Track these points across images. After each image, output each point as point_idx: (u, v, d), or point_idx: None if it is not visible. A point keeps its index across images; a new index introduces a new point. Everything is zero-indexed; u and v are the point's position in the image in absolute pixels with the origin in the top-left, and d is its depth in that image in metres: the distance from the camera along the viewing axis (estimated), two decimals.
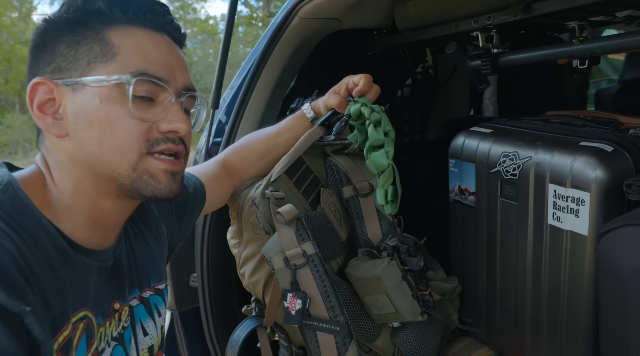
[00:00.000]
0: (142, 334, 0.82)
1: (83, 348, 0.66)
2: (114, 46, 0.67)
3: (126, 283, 0.78)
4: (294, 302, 1.03)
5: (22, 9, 13.54)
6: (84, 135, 0.67)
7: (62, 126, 0.67)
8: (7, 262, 0.54)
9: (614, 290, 0.94)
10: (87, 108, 0.66)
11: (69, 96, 0.67)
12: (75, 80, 0.66)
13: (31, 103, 0.67)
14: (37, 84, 0.67)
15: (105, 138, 0.66)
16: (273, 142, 1.16)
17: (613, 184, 0.98)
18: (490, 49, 1.28)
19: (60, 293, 0.63)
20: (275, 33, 1.40)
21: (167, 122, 0.70)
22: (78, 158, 0.68)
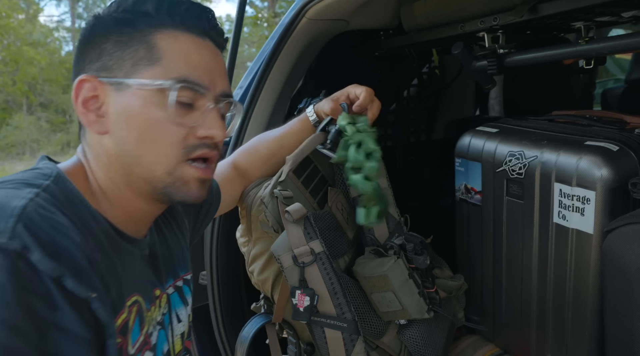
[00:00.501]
0: (176, 321, 0.85)
1: (137, 330, 0.70)
2: (159, 50, 0.68)
3: (162, 272, 0.81)
4: (302, 299, 1.05)
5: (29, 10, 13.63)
6: (124, 135, 0.68)
7: (103, 123, 0.69)
8: (74, 250, 0.56)
9: (619, 287, 0.95)
10: (130, 109, 0.68)
11: (113, 95, 0.68)
12: (119, 81, 0.68)
13: (76, 99, 0.68)
14: (83, 81, 0.68)
15: (145, 140, 0.68)
16: (279, 145, 1.17)
17: (618, 183, 0.99)
18: (496, 49, 1.30)
19: (116, 278, 0.65)
20: (283, 34, 1.42)
21: (205, 128, 0.71)
22: (116, 156, 0.69)
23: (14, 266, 0.49)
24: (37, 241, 0.52)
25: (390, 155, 1.97)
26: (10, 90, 11.22)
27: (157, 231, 0.84)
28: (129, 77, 0.68)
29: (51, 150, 10.47)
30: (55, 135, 11.06)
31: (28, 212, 0.54)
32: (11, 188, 0.58)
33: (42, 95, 11.84)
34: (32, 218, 0.54)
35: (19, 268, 0.50)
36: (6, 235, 0.51)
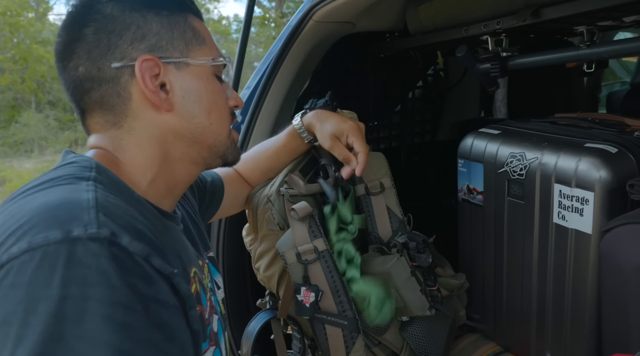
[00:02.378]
0: (216, 288, 0.91)
1: (204, 297, 0.76)
2: (200, 32, 0.76)
3: (198, 244, 0.87)
4: (307, 295, 1.07)
5: (39, 9, 13.72)
6: (194, 109, 0.74)
7: (170, 101, 0.72)
8: (148, 231, 0.58)
9: (615, 286, 0.97)
10: (197, 86, 0.74)
11: (174, 73, 0.72)
12: (179, 60, 0.72)
13: (143, 79, 0.69)
14: (146, 61, 0.69)
15: (212, 110, 0.76)
16: (276, 161, 1.19)
17: (617, 184, 1.01)
18: (499, 52, 1.32)
19: (177, 254, 0.68)
20: (291, 36, 1.44)
21: (232, 99, 0.82)
22: (180, 129, 0.74)
23: (110, 252, 0.51)
24: (120, 226, 0.54)
25: (394, 155, 1.99)
26: (19, 88, 11.30)
27: (182, 207, 0.88)
28: (186, 56, 0.73)
29: (59, 147, 10.53)
30: (63, 133, 11.13)
31: (101, 201, 0.56)
32: (67, 184, 0.59)
33: (50, 93, 11.91)
34: (107, 207, 0.56)
35: (115, 253, 0.52)
36: (94, 225, 0.52)
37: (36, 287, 0.48)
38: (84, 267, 0.49)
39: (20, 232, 0.52)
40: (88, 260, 0.50)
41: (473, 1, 1.28)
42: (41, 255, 0.49)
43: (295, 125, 1.15)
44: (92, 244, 0.51)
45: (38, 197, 0.57)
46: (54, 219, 0.52)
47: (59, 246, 0.50)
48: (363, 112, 1.78)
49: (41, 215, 0.53)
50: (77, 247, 0.50)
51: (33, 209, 0.54)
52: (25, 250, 0.50)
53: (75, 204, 0.55)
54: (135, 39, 0.69)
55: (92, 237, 0.51)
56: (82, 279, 0.49)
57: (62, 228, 0.51)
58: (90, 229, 0.51)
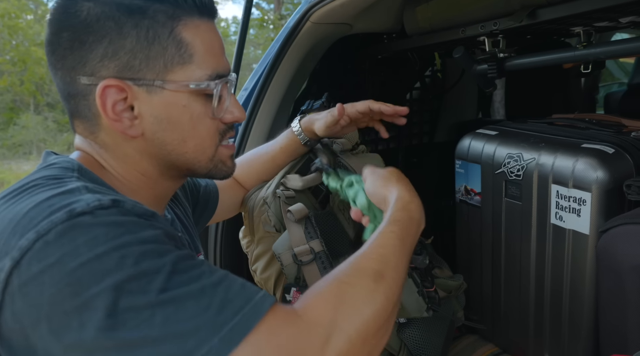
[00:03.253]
0: None
1: None
2: (188, 46, 0.65)
3: (189, 248, 0.85)
4: (297, 297, 1.07)
5: (38, 11, 13.73)
6: (165, 136, 0.67)
7: (137, 127, 0.65)
8: None
9: (612, 286, 0.97)
10: (170, 111, 0.65)
11: (145, 97, 0.64)
12: (152, 83, 0.63)
13: (104, 106, 0.63)
14: (108, 87, 0.62)
15: (188, 138, 0.68)
16: (272, 163, 1.18)
17: (613, 185, 1.01)
18: (496, 53, 1.32)
19: None
20: (288, 37, 1.44)
21: (230, 113, 0.72)
22: (153, 155, 0.69)
23: (119, 211, 0.52)
24: (119, 199, 0.55)
25: (392, 157, 1.99)
26: (18, 90, 11.29)
27: (172, 211, 0.87)
28: (162, 78, 0.64)
29: (57, 149, 10.48)
30: (61, 135, 11.12)
31: (91, 188, 0.56)
32: (50, 184, 0.57)
33: (49, 95, 11.90)
34: (98, 191, 0.56)
35: (123, 211, 0.53)
36: (94, 200, 0.52)
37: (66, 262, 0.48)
38: (101, 227, 0.50)
39: (20, 228, 0.50)
40: (102, 221, 0.51)
41: (470, 2, 1.28)
42: (54, 236, 0.49)
43: (294, 129, 1.15)
44: (99, 211, 0.51)
45: (24, 200, 0.55)
46: (52, 207, 0.51)
47: (68, 223, 0.50)
48: None
49: (36, 209, 0.52)
50: (86, 218, 0.50)
51: (23, 207, 0.53)
52: (35, 239, 0.49)
53: (67, 192, 0.54)
54: (106, 55, 0.62)
55: (97, 207, 0.51)
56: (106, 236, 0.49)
57: (64, 209, 0.50)
58: (92, 203, 0.52)
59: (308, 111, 1.23)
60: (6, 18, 11.45)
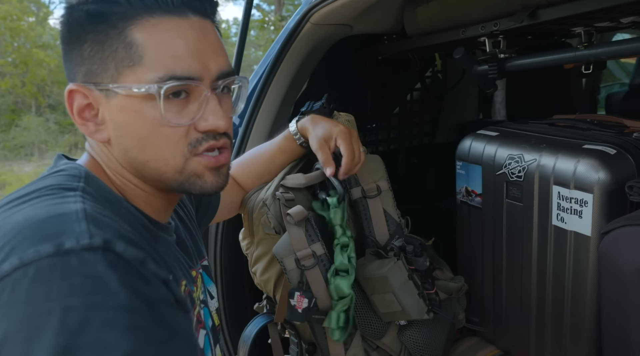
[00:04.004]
0: (209, 298, 0.88)
1: (192, 311, 0.73)
2: (139, 47, 0.61)
3: (192, 253, 0.83)
4: (301, 301, 1.07)
5: (39, 13, 13.76)
6: (125, 143, 0.65)
7: (103, 132, 0.65)
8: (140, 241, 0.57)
9: (615, 289, 0.96)
10: (124, 117, 0.64)
11: (105, 102, 0.64)
12: (107, 87, 0.63)
13: (71, 110, 0.65)
14: (73, 91, 0.64)
15: (146, 146, 0.65)
16: (271, 164, 1.18)
17: (615, 186, 1.01)
18: (497, 54, 1.31)
19: (168, 269, 0.66)
20: (288, 38, 1.44)
21: (204, 120, 0.65)
22: (125, 162, 0.67)
23: (105, 259, 0.50)
24: (113, 235, 0.53)
25: (393, 158, 1.99)
26: (19, 91, 11.32)
27: (176, 216, 0.85)
28: (115, 82, 0.62)
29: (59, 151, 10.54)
30: (63, 137, 11.14)
31: (90, 213, 0.55)
32: (53, 196, 0.57)
33: (50, 96, 11.93)
34: (96, 217, 0.54)
35: (110, 259, 0.51)
36: (86, 236, 0.51)
37: (35, 303, 0.47)
38: (81, 277, 0.49)
39: (9, 248, 0.50)
40: (84, 270, 0.49)
41: (470, 3, 1.27)
42: (35, 271, 0.48)
43: (291, 129, 1.15)
44: (86, 254, 0.50)
45: (24, 210, 0.55)
46: (43, 232, 0.51)
47: (52, 259, 0.49)
48: (361, 114, 1.78)
49: (30, 229, 0.51)
50: (71, 259, 0.49)
51: (20, 222, 0.53)
52: (17, 267, 0.48)
53: (64, 216, 0.53)
54: (77, 61, 0.63)
55: (85, 247, 0.50)
56: (81, 288, 0.48)
57: (53, 241, 0.50)
58: (83, 240, 0.50)
59: (308, 112, 1.23)
60: (8, 20, 11.48)
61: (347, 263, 1.07)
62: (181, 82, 0.63)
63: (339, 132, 1.07)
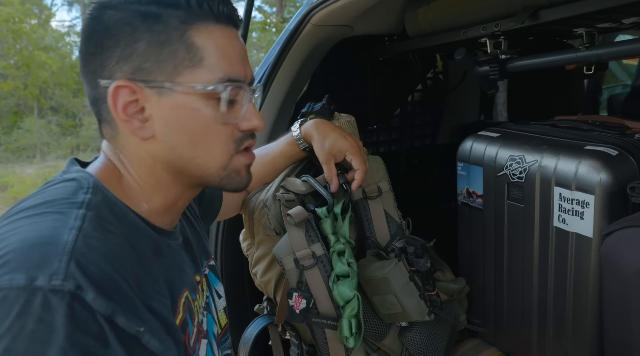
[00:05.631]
0: (217, 297, 0.88)
1: (191, 324, 0.72)
2: (199, 50, 0.65)
3: (197, 255, 0.83)
4: (299, 301, 1.06)
5: (42, 15, 13.80)
6: (175, 139, 0.67)
7: (148, 129, 0.67)
8: (123, 282, 0.56)
9: (616, 291, 0.95)
10: (179, 114, 0.66)
11: (155, 99, 0.66)
12: (161, 84, 0.65)
13: (115, 106, 0.65)
14: (120, 87, 0.64)
15: (197, 142, 0.68)
16: (272, 167, 1.18)
17: (617, 187, 1.00)
18: (498, 54, 1.31)
19: (167, 284, 0.66)
20: (288, 40, 1.44)
21: (247, 120, 0.72)
22: (165, 159, 0.69)
23: (69, 308, 0.50)
24: (90, 279, 0.52)
25: (394, 159, 1.98)
26: (22, 94, 11.35)
27: (183, 217, 0.85)
28: (171, 80, 0.65)
29: (61, 153, 10.55)
30: (65, 139, 11.16)
31: (79, 246, 0.54)
32: (56, 213, 0.58)
33: (52, 99, 11.96)
34: (83, 252, 0.54)
35: (74, 309, 0.50)
36: (60, 276, 0.50)
37: None
38: (35, 321, 0.48)
39: None
40: (42, 314, 0.49)
41: (471, 4, 1.27)
42: (0, 298, 0.49)
43: (294, 134, 1.14)
44: (52, 297, 0.49)
45: (24, 227, 0.56)
46: (25, 261, 0.51)
47: (19, 292, 0.49)
48: (362, 115, 1.78)
49: (16, 253, 0.52)
50: (36, 298, 0.49)
51: (13, 243, 0.53)
52: None
53: (51, 246, 0.53)
54: (122, 58, 0.64)
55: (54, 289, 0.50)
56: (30, 333, 0.48)
57: (29, 274, 0.50)
58: (55, 280, 0.50)
59: (309, 113, 1.23)
60: (10, 22, 11.51)
61: (347, 268, 1.07)
62: (236, 84, 0.68)
63: (349, 147, 1.09)
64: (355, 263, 1.09)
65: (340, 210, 1.11)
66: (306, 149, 1.15)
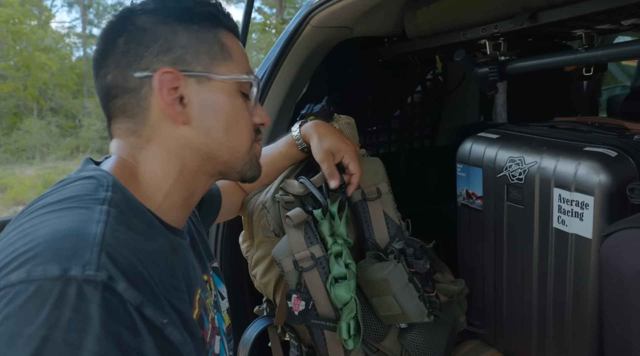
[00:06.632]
0: (220, 298, 0.91)
1: (206, 320, 0.76)
2: (228, 48, 0.76)
3: (203, 255, 0.86)
4: (297, 303, 1.06)
5: (41, 17, 13.81)
6: (211, 124, 0.74)
7: (186, 114, 0.72)
8: (148, 275, 0.57)
9: (616, 292, 0.95)
10: (216, 101, 0.74)
11: (194, 87, 0.72)
12: (201, 74, 0.72)
13: (161, 90, 0.70)
14: (166, 73, 0.70)
15: (231, 127, 0.76)
16: (271, 167, 1.18)
17: (616, 188, 1.00)
18: (497, 56, 1.31)
19: (184, 280, 0.68)
20: (288, 41, 1.44)
21: (258, 115, 0.81)
22: (197, 144, 0.74)
23: (102, 298, 0.51)
24: (120, 270, 0.53)
25: (394, 160, 1.98)
26: (21, 95, 11.36)
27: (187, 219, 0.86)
28: (209, 71, 0.73)
29: (60, 154, 10.57)
30: (64, 140, 11.17)
31: (107, 238, 0.55)
32: (81, 208, 0.59)
33: (52, 100, 11.97)
34: (112, 244, 0.55)
35: (107, 299, 0.51)
36: (93, 266, 0.52)
37: (21, 322, 0.48)
38: (71, 311, 0.49)
39: (23, 259, 0.52)
40: (77, 304, 0.49)
41: (471, 5, 1.27)
42: (35, 289, 0.49)
43: (293, 135, 1.15)
44: (86, 287, 0.50)
45: (51, 220, 0.57)
46: (57, 252, 0.52)
47: (54, 283, 0.50)
48: (362, 116, 1.78)
49: (46, 245, 0.53)
50: (71, 288, 0.50)
51: (42, 236, 0.54)
52: (22, 280, 0.50)
53: (81, 238, 0.54)
54: (162, 51, 0.71)
55: (87, 279, 0.51)
56: (67, 323, 0.48)
57: (62, 264, 0.51)
58: (89, 270, 0.51)
59: (308, 115, 1.23)
60: (10, 23, 11.52)
61: (344, 270, 1.07)
62: (255, 80, 0.78)
63: (347, 150, 1.11)
64: (353, 264, 1.09)
65: (337, 209, 1.11)
66: (305, 150, 1.15)
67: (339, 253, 1.08)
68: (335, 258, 1.08)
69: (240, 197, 1.20)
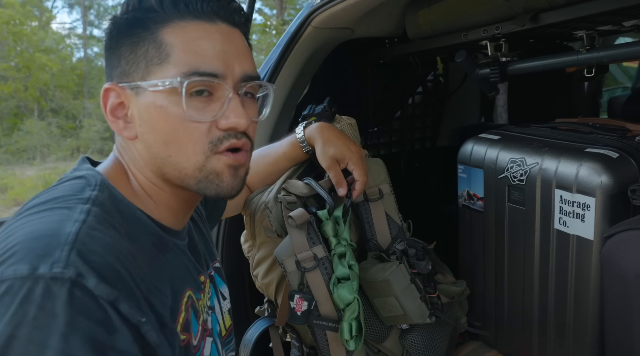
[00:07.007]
0: (222, 299, 0.90)
1: (195, 323, 0.73)
2: (167, 46, 0.66)
3: (202, 257, 0.84)
4: (300, 303, 1.06)
5: (42, 18, 13.82)
6: (150, 138, 0.68)
7: (131, 129, 0.69)
8: (126, 273, 0.57)
9: (617, 293, 0.95)
10: (150, 112, 0.67)
11: (134, 100, 0.68)
12: (137, 84, 0.67)
13: (105, 107, 0.69)
14: (107, 90, 0.68)
15: (168, 141, 0.67)
16: (274, 167, 1.18)
17: (618, 190, 1.00)
18: (498, 57, 1.31)
19: (169, 282, 0.67)
20: (289, 42, 1.44)
21: (225, 118, 0.68)
22: (148, 159, 0.70)
23: (69, 294, 0.50)
24: (91, 267, 0.53)
25: (395, 161, 1.98)
26: (22, 95, 11.36)
27: (190, 219, 0.85)
28: (144, 79, 0.66)
29: (61, 155, 10.57)
30: (65, 141, 11.17)
31: (81, 237, 0.55)
32: (64, 208, 0.59)
33: (53, 100, 11.98)
34: (85, 243, 0.55)
35: (75, 295, 0.51)
36: (61, 264, 0.51)
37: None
38: (37, 308, 0.49)
39: (2, 259, 0.53)
40: (43, 302, 0.50)
41: (472, 6, 1.27)
42: (5, 289, 0.50)
43: (298, 137, 1.14)
44: (53, 284, 0.50)
45: (34, 221, 0.58)
46: (29, 252, 0.53)
47: (22, 282, 0.50)
48: (363, 117, 1.78)
49: (22, 245, 0.54)
50: (38, 286, 0.50)
51: (20, 236, 0.55)
52: None
53: (53, 238, 0.54)
54: (114, 64, 0.69)
55: (54, 277, 0.51)
56: (32, 321, 0.49)
57: (32, 263, 0.51)
58: (56, 268, 0.51)
59: (310, 115, 1.23)
60: (11, 24, 11.53)
61: (348, 271, 1.07)
62: (203, 78, 0.66)
63: (351, 157, 1.09)
64: (356, 266, 1.09)
65: (341, 214, 1.11)
66: (309, 152, 1.15)
67: (342, 254, 1.08)
68: (339, 259, 1.08)
69: (244, 195, 1.19)
